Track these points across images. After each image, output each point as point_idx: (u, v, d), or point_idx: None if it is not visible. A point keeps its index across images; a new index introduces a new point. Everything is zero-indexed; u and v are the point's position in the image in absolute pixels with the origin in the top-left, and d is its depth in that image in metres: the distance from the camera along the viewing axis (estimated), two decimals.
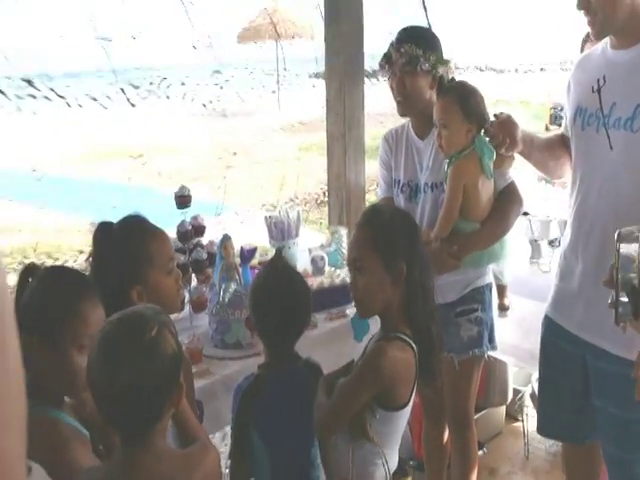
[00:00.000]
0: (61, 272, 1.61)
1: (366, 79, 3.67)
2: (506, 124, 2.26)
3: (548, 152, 2.35)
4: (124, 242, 1.82)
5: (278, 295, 1.88)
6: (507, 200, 2.47)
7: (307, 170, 8.54)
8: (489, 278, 2.62)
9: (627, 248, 1.39)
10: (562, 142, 2.33)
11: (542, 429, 2.44)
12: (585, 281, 2.09)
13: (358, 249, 1.86)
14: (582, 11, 1.98)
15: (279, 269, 1.98)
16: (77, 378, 1.43)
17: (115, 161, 10.70)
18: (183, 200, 2.61)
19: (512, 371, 3.56)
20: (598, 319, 2.00)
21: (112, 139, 11.00)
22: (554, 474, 3.26)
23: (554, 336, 2.24)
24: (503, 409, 3.64)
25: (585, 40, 3.93)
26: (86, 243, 1.84)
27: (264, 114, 13.95)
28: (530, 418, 3.47)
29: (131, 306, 1.49)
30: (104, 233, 1.85)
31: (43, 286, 1.50)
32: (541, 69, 21.27)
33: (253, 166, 10.57)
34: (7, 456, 0.51)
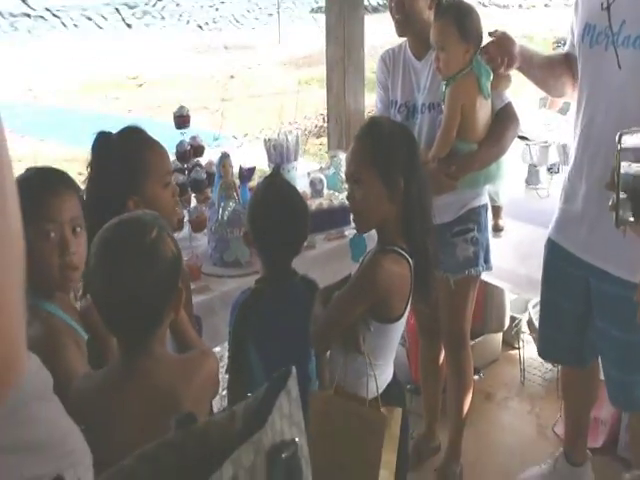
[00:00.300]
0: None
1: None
2: (502, 42, 2.23)
3: (548, 70, 2.31)
4: (121, 151, 1.82)
5: (276, 209, 1.90)
6: (504, 121, 2.45)
7: (307, 101, 8.45)
8: (485, 199, 2.62)
9: (627, 149, 1.38)
10: (564, 60, 2.29)
11: (543, 352, 2.47)
12: (589, 203, 2.08)
13: (356, 162, 1.85)
14: None
15: (277, 184, 1.99)
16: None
17: (114, 91, 10.60)
18: (182, 120, 2.59)
19: (509, 298, 3.59)
20: (602, 241, 2.00)
21: (110, 66, 10.89)
22: (549, 400, 3.31)
23: (557, 259, 2.25)
24: (500, 336, 3.67)
25: None
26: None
27: (264, 48, 13.73)
28: (527, 345, 3.52)
29: None
30: (102, 142, 1.85)
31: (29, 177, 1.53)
32: (545, 5, 20.77)
33: (252, 99, 10.46)
34: (4, 304, 0.50)
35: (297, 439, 0.83)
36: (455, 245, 2.54)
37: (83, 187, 1.76)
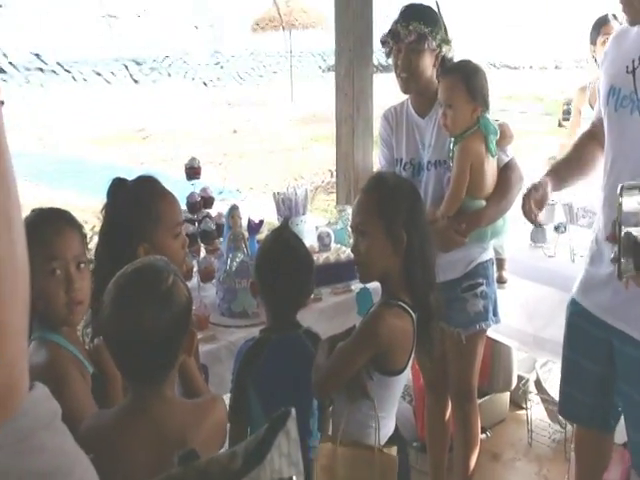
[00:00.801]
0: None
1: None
2: (541, 203, 2.24)
3: (580, 168, 2.33)
4: (136, 198, 1.87)
5: (282, 260, 1.92)
6: (509, 176, 2.51)
7: (314, 158, 8.61)
8: (491, 253, 2.65)
9: (629, 202, 1.39)
10: (592, 138, 2.30)
11: (564, 411, 2.44)
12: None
13: (361, 213, 1.89)
14: None
15: (285, 236, 2.02)
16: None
17: (122, 143, 10.79)
18: (193, 172, 2.63)
19: (516, 358, 3.56)
20: (626, 304, 1.98)
21: (117, 119, 11.13)
22: (557, 461, 3.26)
23: (580, 319, 2.22)
24: (507, 395, 3.63)
25: (600, 24, 3.92)
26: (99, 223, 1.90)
27: (273, 104, 14.00)
28: (534, 405, 3.48)
29: None
30: (118, 188, 1.91)
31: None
32: (556, 67, 21.15)
33: (259, 154, 10.62)
34: (8, 329, 0.51)
35: (294, 478, 0.83)
36: (466, 300, 2.56)
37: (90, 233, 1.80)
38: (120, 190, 1.90)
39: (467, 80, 2.36)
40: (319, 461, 1.83)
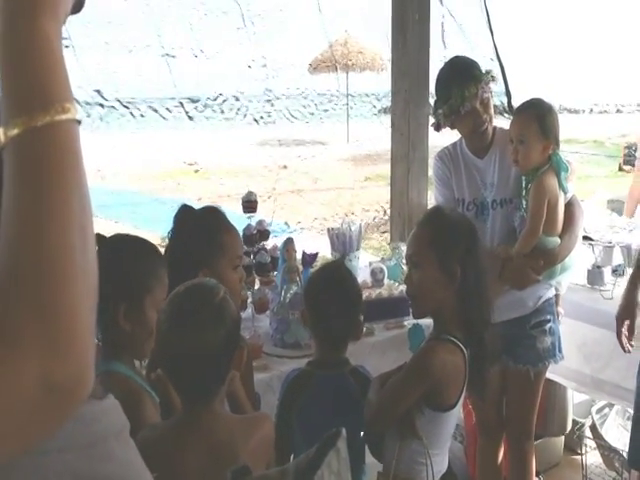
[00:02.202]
0: (137, 241, 1.68)
1: None
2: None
3: None
4: (202, 225, 1.94)
5: (332, 292, 1.94)
6: (574, 212, 2.55)
7: (367, 197, 8.66)
8: (554, 290, 2.68)
9: None
10: None
11: (635, 462, 2.39)
12: None
13: (416, 245, 1.91)
14: None
15: (337, 269, 2.06)
16: (151, 339, 1.52)
17: (176, 178, 11.09)
18: (249, 205, 2.69)
19: (572, 402, 3.48)
20: None
21: (173, 154, 11.44)
22: None
23: None
24: (562, 440, 3.55)
25: None
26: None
27: (326, 143, 14.19)
28: (590, 451, 3.38)
29: None
30: (185, 214, 1.98)
31: (124, 254, 1.58)
32: (617, 110, 20.82)
33: (313, 191, 10.74)
34: (80, 325, 0.57)
35: None
36: (534, 337, 2.59)
37: None
38: (187, 217, 1.97)
39: (541, 118, 2.40)
40: None
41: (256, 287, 2.66)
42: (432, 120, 2.68)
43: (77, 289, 0.57)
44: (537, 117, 2.40)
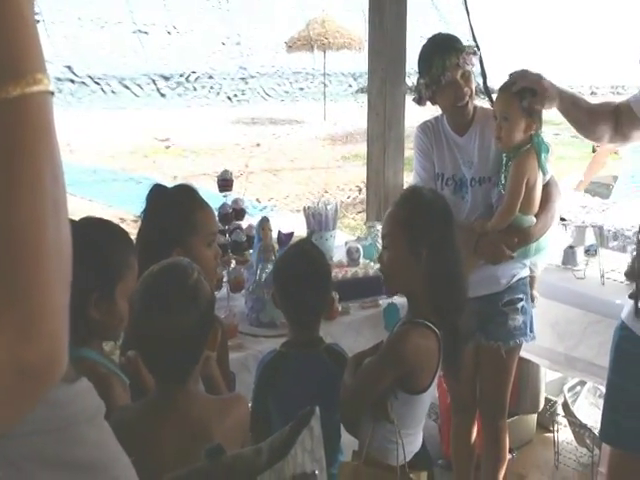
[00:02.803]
0: (108, 226, 1.65)
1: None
2: (524, 74, 2.34)
3: (588, 115, 2.37)
4: (174, 204, 1.91)
5: (299, 271, 1.93)
6: (552, 192, 2.57)
7: (342, 176, 8.67)
8: (528, 270, 2.71)
9: None
10: (612, 110, 2.33)
11: (606, 436, 2.40)
12: None
13: (389, 225, 1.92)
14: None
15: (304, 247, 2.05)
16: (122, 326, 1.50)
17: (150, 155, 11.02)
18: (225, 183, 2.67)
19: (544, 380, 3.53)
20: None
21: (145, 131, 11.34)
22: None
23: (630, 344, 2.19)
24: (534, 417, 3.60)
25: None
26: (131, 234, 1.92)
27: (308, 124, 14.14)
28: (562, 428, 3.44)
29: None
30: (157, 194, 1.96)
31: (95, 240, 1.53)
32: (591, 92, 20.97)
33: (292, 172, 10.72)
34: (52, 305, 0.55)
35: (317, 473, 0.85)
36: (506, 314, 2.60)
37: None
38: (159, 196, 1.95)
39: (524, 95, 2.39)
40: (343, 476, 1.84)
41: (232, 266, 2.64)
42: (413, 96, 2.68)
43: (50, 267, 0.55)
44: (520, 94, 2.39)
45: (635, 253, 1.44)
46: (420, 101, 2.63)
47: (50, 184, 0.57)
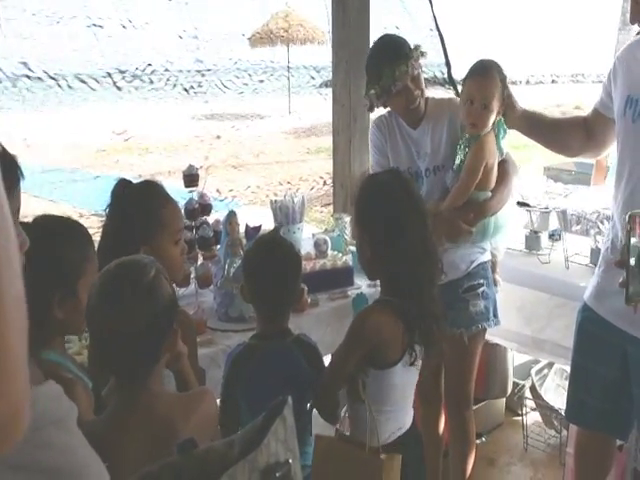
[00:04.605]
0: (62, 222, 1.62)
1: None
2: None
3: (553, 127, 2.41)
4: (140, 202, 1.89)
5: (267, 264, 1.93)
6: (508, 169, 2.58)
7: (310, 170, 8.70)
8: (489, 254, 2.70)
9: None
10: (580, 122, 2.35)
11: (571, 415, 2.43)
12: None
13: (352, 214, 2.04)
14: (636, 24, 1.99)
15: (272, 239, 2.06)
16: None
17: (119, 156, 10.90)
18: (190, 179, 2.65)
19: (512, 364, 3.58)
20: None
21: (107, 128, 11.21)
22: (552, 466, 3.28)
23: (592, 324, 2.23)
24: (503, 402, 3.65)
25: None
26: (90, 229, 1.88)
27: (272, 118, 14.09)
28: (530, 411, 3.50)
29: None
30: (122, 189, 1.93)
31: (52, 239, 1.50)
32: (552, 81, 21.25)
33: (257, 166, 10.69)
34: (11, 359, 0.54)
35: (291, 461, 0.86)
36: (467, 301, 2.60)
37: None
38: (125, 192, 1.92)
39: (503, 81, 2.40)
40: (318, 449, 1.87)
41: (199, 262, 2.63)
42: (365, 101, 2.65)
43: (7, 322, 0.53)
44: (501, 81, 2.40)
45: (623, 241, 1.47)
46: (372, 109, 2.63)
47: (1, 237, 0.55)
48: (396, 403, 1.94)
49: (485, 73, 2.41)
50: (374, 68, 2.52)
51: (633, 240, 1.46)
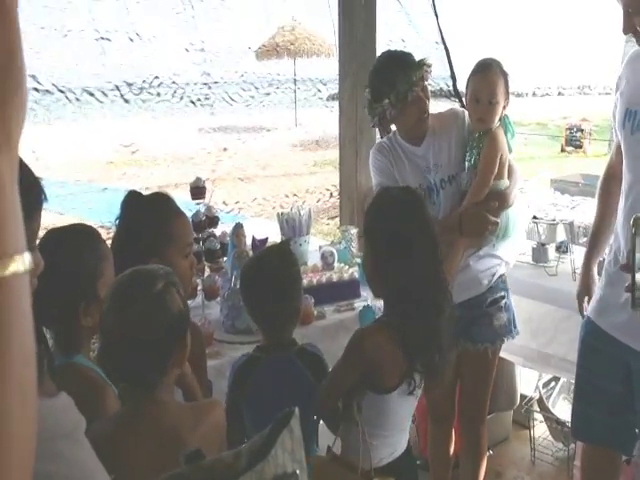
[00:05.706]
0: (74, 232, 1.64)
1: None
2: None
3: (609, 216, 2.35)
4: (150, 213, 1.89)
5: (260, 276, 1.93)
6: (513, 165, 2.57)
7: (317, 183, 8.72)
8: (505, 266, 2.68)
9: None
10: (613, 179, 2.30)
11: (577, 430, 2.42)
12: None
13: (361, 228, 2.04)
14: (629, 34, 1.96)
15: (266, 254, 2.06)
16: None
17: (126, 168, 10.95)
18: (198, 191, 2.67)
19: (519, 377, 3.57)
20: None
21: (116, 140, 11.27)
22: (560, 479, 3.26)
23: (596, 339, 2.22)
24: (510, 414, 3.63)
25: None
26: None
27: (278, 131, 14.14)
28: (537, 424, 3.49)
29: None
30: (133, 201, 1.93)
31: (69, 252, 1.52)
32: (559, 93, 21.28)
33: (264, 179, 10.71)
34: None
35: (298, 472, 0.86)
36: (491, 315, 2.59)
37: None
38: (135, 205, 1.92)
39: (505, 76, 2.42)
40: (316, 469, 1.85)
41: (206, 274, 2.64)
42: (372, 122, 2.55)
43: (10, 461, 0.52)
44: (503, 76, 2.42)
45: (629, 245, 1.46)
46: (382, 125, 2.52)
47: (17, 369, 0.53)
48: (391, 429, 1.92)
49: (487, 69, 2.43)
50: (385, 77, 2.44)
51: (639, 243, 1.45)
